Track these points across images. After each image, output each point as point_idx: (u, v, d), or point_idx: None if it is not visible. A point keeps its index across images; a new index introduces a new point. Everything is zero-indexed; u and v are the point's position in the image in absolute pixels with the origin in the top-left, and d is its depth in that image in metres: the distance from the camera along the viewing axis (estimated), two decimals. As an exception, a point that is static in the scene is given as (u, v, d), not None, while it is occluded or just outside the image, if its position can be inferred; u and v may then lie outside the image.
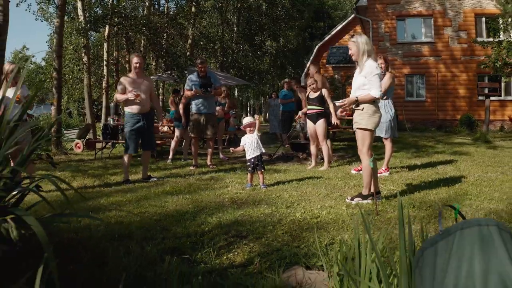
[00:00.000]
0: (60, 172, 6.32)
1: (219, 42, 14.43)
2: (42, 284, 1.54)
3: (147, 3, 11.37)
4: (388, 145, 5.91)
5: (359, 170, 5.71)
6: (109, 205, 4.07)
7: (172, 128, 9.21)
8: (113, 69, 11.91)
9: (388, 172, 5.82)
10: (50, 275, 1.52)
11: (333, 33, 20.77)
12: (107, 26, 10.13)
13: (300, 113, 7.13)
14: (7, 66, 5.30)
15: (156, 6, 13.21)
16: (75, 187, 3.17)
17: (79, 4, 10.61)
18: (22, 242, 1.77)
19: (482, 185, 4.83)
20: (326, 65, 19.87)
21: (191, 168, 6.55)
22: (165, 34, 10.23)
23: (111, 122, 8.93)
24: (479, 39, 13.93)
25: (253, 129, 5.01)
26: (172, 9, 14.29)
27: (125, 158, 5.35)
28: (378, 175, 5.58)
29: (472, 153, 8.26)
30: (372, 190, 3.95)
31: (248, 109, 31.63)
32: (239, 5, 14.94)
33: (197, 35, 13.34)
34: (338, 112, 7.20)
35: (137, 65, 5.45)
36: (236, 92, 20.73)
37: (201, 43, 13.25)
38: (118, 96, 5.47)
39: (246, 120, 5.13)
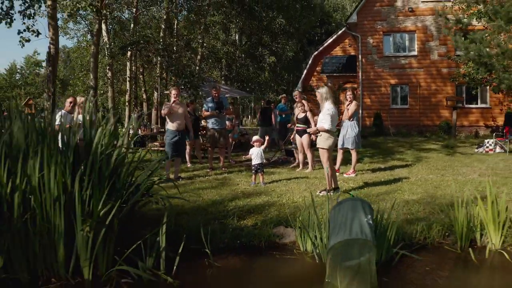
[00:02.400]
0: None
1: (224, 59, 16.77)
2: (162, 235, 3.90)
3: (163, 26, 13.66)
4: (353, 154, 8.22)
5: (349, 174, 8.03)
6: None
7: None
8: (133, 83, 14.24)
9: (355, 174, 8.14)
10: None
11: (327, 42, 23.05)
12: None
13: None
14: (78, 99, 7.64)
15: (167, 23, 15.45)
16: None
17: (104, 32, 12.91)
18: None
19: (416, 184, 7.14)
20: (321, 74, 22.23)
21: (208, 170, 8.88)
22: (180, 55, 12.53)
23: (139, 132, 11.28)
24: (458, 52, 16.21)
25: (259, 144, 7.34)
26: (182, 23, 16.50)
27: (167, 163, 7.67)
28: (346, 176, 7.97)
29: (431, 158, 10.59)
30: (332, 185, 6.29)
31: (250, 111, 33.98)
32: (241, 23, 17.20)
33: (206, 52, 15.73)
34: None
35: (175, 95, 7.79)
36: (239, 96, 23.11)
37: (210, 60, 15.47)
38: (164, 113, 7.79)
39: (255, 137, 7.49)
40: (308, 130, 7.62)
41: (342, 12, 32.19)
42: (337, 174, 8.05)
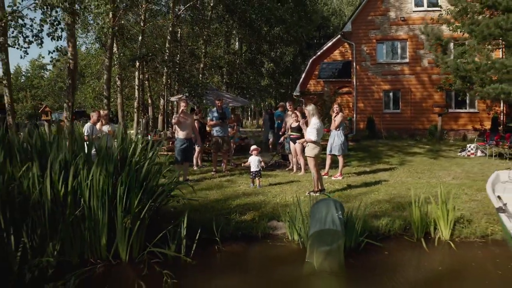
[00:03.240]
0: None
1: (225, 68, 17.98)
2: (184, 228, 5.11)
3: (168, 37, 14.84)
4: (340, 159, 9.40)
5: (336, 177, 9.21)
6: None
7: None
8: (140, 90, 15.40)
9: (342, 177, 9.34)
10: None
11: (325, 47, 24.22)
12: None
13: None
14: (102, 112, 8.84)
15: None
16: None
17: (114, 46, 14.06)
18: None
19: (392, 186, 8.34)
20: (318, 79, 23.42)
21: (212, 173, 10.08)
22: (184, 66, 13.68)
23: (149, 137, 12.43)
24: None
25: (257, 152, 8.50)
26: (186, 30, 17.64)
27: (177, 167, 8.86)
28: (334, 179, 9.17)
29: (414, 162, 11.79)
30: (319, 187, 7.50)
31: (249, 113, 35.31)
32: (241, 34, 18.40)
33: (208, 62, 16.93)
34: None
35: (184, 108, 9.00)
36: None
37: (212, 70, 16.70)
38: (173, 122, 9.00)
39: (253, 147, 8.64)
40: (297, 141, 8.84)
41: (340, 16, 33.38)
42: (326, 177, 9.28)
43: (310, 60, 24.71)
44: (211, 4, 12.64)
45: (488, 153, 12.97)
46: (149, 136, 12.82)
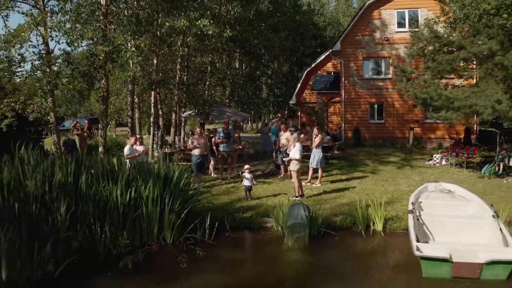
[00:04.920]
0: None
1: (228, 87, 21.07)
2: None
3: (178, 66, 17.88)
4: (319, 171, 12.49)
5: (316, 184, 12.28)
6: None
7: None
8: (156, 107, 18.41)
9: (320, 184, 12.44)
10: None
11: (318, 60, 27.26)
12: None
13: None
14: (138, 136, 11.95)
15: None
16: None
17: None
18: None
19: (356, 192, 11.43)
20: (312, 91, 26.52)
21: (220, 180, 13.19)
22: (194, 88, 16.68)
23: (166, 150, 15.54)
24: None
25: (249, 171, 11.38)
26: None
27: (196, 176, 11.87)
28: (314, 186, 12.27)
29: (384, 171, 14.88)
30: (300, 193, 10.63)
31: (249, 118, 38.45)
32: (242, 51, 21.43)
33: (213, 81, 19.96)
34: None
35: (199, 131, 12.10)
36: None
37: (217, 87, 19.72)
38: (191, 146, 12.11)
39: (246, 166, 11.61)
40: (284, 159, 11.96)
41: (336, 26, 36.40)
42: (309, 184, 12.39)
43: (305, 72, 27.76)
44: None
45: (449, 163, 16.09)
46: (166, 148, 15.98)
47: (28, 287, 6.58)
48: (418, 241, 6.98)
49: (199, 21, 11.51)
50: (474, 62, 14.01)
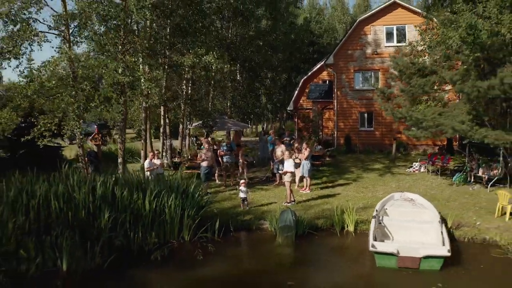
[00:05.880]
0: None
1: (229, 99, 23.64)
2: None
3: (184, 87, 20.37)
4: (308, 179, 15.03)
5: (305, 191, 14.82)
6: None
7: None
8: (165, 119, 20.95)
9: (310, 191, 14.99)
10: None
11: (314, 69, 29.83)
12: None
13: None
14: (155, 151, 14.50)
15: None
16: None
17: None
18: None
19: (339, 199, 13.97)
20: (308, 99, 29.07)
21: (223, 187, 15.75)
22: (199, 103, 19.18)
23: (176, 159, 18.06)
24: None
25: (245, 184, 13.84)
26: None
27: (204, 185, 14.42)
28: (303, 192, 14.83)
29: (366, 178, 17.41)
30: (292, 199, 13.19)
31: (249, 122, 41.18)
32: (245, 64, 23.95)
33: (216, 94, 22.54)
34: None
35: (207, 146, 14.65)
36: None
37: (220, 99, 22.35)
38: (202, 158, 14.66)
39: (242, 181, 14.09)
40: (280, 172, 14.52)
41: (332, 32, 38.87)
42: (300, 190, 14.94)
43: (302, 80, 30.32)
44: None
45: (427, 170, 18.63)
46: (175, 158, 18.54)
47: (84, 276, 9.12)
48: (375, 240, 9.57)
49: (205, 57, 13.97)
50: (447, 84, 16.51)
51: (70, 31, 14.15)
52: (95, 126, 30.68)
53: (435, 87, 15.90)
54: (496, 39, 13.35)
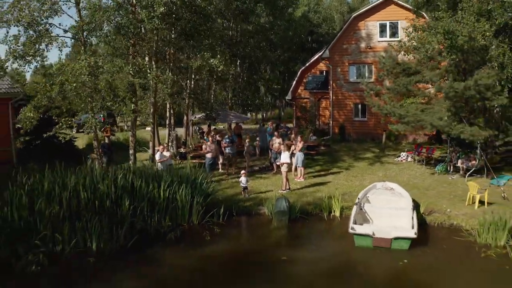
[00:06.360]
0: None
1: (230, 92, 25.38)
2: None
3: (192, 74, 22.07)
4: (302, 169, 16.89)
5: (299, 179, 16.72)
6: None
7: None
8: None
9: (304, 179, 16.88)
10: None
11: (312, 60, 31.44)
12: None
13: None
14: (165, 144, 16.37)
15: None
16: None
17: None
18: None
19: (329, 187, 15.86)
20: (305, 90, 30.77)
21: (226, 175, 17.65)
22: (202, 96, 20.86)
23: (182, 150, 19.91)
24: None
25: (246, 174, 15.72)
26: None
27: (206, 175, 16.32)
28: (298, 180, 16.75)
29: (356, 167, 19.26)
30: (287, 187, 15.12)
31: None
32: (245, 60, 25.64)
33: (218, 88, 24.25)
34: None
35: (211, 139, 16.51)
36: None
37: (223, 93, 24.06)
38: (206, 150, 16.55)
39: (242, 172, 15.93)
40: (278, 163, 16.40)
41: (330, 22, 40.29)
42: (295, 179, 16.82)
43: (300, 71, 31.98)
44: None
45: (413, 159, 20.46)
46: (182, 148, 20.42)
47: (110, 255, 11.05)
48: (355, 223, 11.50)
49: (211, 60, 15.70)
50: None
51: (85, 34, 15.88)
52: (101, 116, 32.55)
53: (419, 86, 17.67)
54: (472, 44, 15.05)
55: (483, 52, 15.52)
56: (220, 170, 18.51)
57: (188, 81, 21.53)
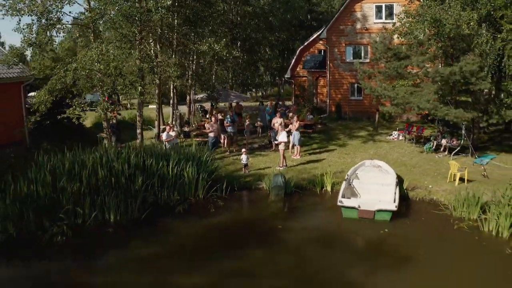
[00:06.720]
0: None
1: (231, 72, 26.55)
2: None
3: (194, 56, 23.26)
4: (298, 147, 18.33)
5: (296, 157, 18.17)
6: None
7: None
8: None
9: (300, 156, 18.33)
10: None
11: (310, 39, 32.44)
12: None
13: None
14: (171, 124, 17.78)
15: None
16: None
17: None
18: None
19: (323, 164, 17.32)
20: (303, 69, 31.90)
21: (227, 153, 19.10)
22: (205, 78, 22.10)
23: (186, 128, 21.29)
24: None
25: (246, 152, 17.15)
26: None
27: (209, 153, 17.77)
28: (294, 158, 18.22)
29: (350, 145, 20.67)
30: (284, 164, 16.61)
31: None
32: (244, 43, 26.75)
33: (219, 69, 25.44)
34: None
35: (214, 119, 17.92)
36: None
37: (224, 72, 25.28)
38: (208, 131, 17.98)
39: (243, 150, 17.37)
40: (276, 142, 17.82)
41: (329, 1, 40.97)
42: (292, 156, 18.26)
43: (299, 49, 33.03)
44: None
45: (404, 138, 21.82)
46: (185, 127, 21.82)
47: (127, 225, 12.61)
48: (344, 197, 13.02)
49: (215, 45, 16.90)
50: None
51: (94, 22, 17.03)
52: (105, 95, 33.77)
53: (408, 70, 18.89)
54: (458, 31, 16.23)
55: (468, 39, 16.72)
56: (223, 148, 19.94)
57: (190, 63, 22.74)
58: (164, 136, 17.02)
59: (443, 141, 18.70)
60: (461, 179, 14.60)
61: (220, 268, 10.00)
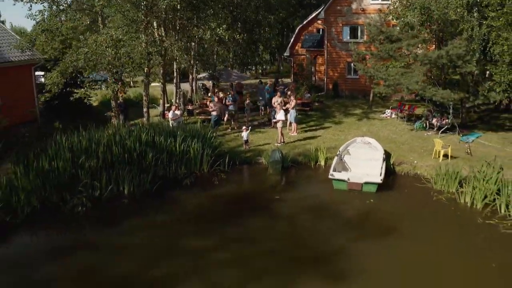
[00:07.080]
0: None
1: (231, 52, 27.64)
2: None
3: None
4: (295, 124, 19.69)
5: (293, 133, 19.56)
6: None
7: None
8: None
9: (297, 133, 19.71)
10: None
11: (309, 18, 33.35)
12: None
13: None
14: (176, 104, 19.11)
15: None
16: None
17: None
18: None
19: (318, 140, 18.71)
20: (301, 48, 32.93)
21: (229, 130, 20.48)
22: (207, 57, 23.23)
23: (189, 107, 22.59)
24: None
25: (246, 129, 18.53)
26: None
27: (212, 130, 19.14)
28: (291, 134, 19.63)
29: (345, 123, 22.00)
30: (282, 141, 18.04)
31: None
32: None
33: (220, 50, 26.62)
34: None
35: (217, 98, 19.24)
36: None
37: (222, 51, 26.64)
38: (211, 109, 19.33)
39: (244, 127, 18.72)
40: (274, 120, 19.19)
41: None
42: (289, 133, 19.64)
43: (298, 28, 33.99)
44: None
45: (397, 116, 23.11)
46: (189, 106, 23.16)
47: (139, 196, 14.08)
48: (335, 171, 14.49)
49: (218, 29, 18.07)
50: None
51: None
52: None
53: (400, 52, 20.08)
54: (445, 17, 17.40)
55: (456, 24, 17.89)
56: (225, 125, 21.32)
57: (193, 44, 23.90)
58: (170, 115, 18.37)
59: (434, 120, 19.98)
60: (446, 156, 15.81)
61: (223, 233, 11.49)
